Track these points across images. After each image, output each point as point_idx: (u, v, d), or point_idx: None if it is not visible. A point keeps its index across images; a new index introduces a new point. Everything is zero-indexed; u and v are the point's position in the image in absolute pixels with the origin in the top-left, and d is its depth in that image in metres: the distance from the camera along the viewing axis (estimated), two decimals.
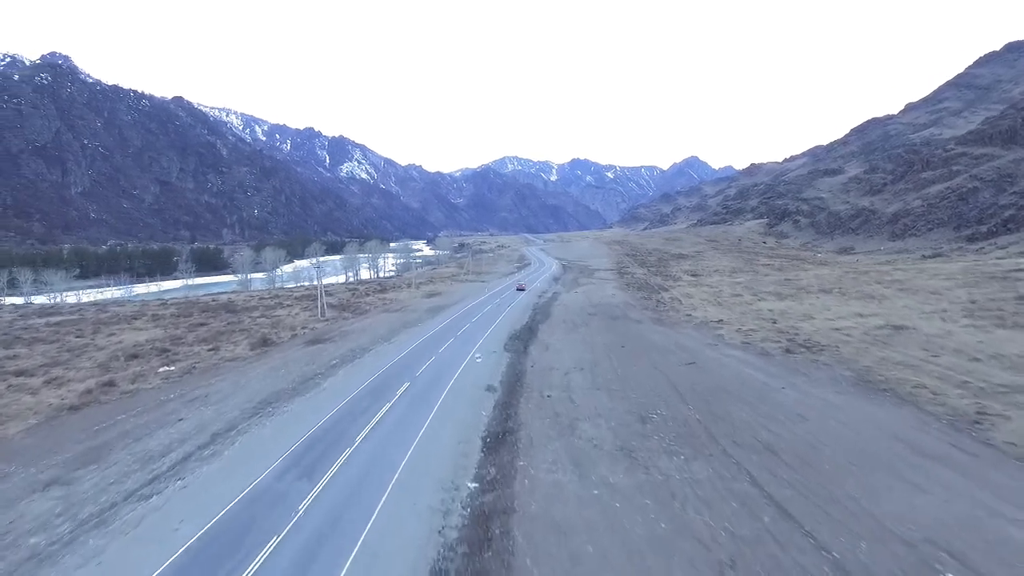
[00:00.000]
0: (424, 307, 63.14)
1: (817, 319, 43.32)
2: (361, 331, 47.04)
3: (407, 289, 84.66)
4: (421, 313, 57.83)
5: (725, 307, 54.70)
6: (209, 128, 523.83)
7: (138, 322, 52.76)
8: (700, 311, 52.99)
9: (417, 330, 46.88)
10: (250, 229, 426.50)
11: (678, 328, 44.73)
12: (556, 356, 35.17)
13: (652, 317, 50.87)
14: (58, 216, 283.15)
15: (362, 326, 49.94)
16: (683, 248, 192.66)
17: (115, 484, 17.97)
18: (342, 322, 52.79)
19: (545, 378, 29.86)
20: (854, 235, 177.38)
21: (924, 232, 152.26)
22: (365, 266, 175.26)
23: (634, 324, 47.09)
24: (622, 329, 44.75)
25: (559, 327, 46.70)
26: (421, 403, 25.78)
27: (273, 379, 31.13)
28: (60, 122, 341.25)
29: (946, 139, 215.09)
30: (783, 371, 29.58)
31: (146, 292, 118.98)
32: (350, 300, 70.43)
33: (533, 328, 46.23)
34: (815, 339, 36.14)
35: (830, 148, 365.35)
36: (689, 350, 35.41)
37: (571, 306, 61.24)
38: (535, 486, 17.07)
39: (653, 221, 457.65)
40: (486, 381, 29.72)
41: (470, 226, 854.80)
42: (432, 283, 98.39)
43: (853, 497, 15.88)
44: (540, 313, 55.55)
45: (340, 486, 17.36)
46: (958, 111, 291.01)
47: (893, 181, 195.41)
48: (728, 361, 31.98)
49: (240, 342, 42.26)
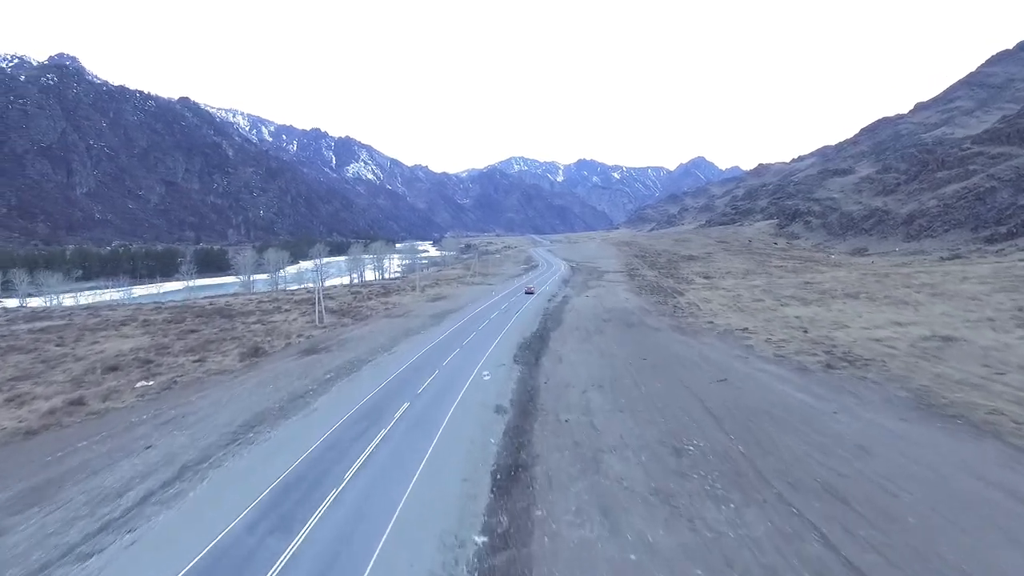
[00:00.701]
0: (428, 312, 60.17)
1: (852, 328, 39.98)
2: (360, 339, 44.09)
3: (411, 292, 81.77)
4: (425, 319, 54.85)
5: (748, 313, 51.40)
6: (215, 128, 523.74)
7: (126, 328, 50.06)
8: (722, 318, 49.70)
9: (420, 338, 43.86)
10: (256, 230, 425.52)
11: (701, 337, 41.48)
12: (571, 370, 32.04)
13: (671, 324, 47.62)
14: (63, 217, 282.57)
15: (362, 334, 46.99)
16: (693, 249, 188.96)
17: (54, 536, 15.01)
18: (341, 329, 49.87)
19: (561, 397, 26.75)
20: (867, 236, 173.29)
21: (940, 233, 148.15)
22: (370, 267, 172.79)
23: (653, 332, 43.88)
24: (641, 338, 41.56)
25: (572, 335, 43.57)
26: (421, 429, 22.72)
27: (259, 396, 28.20)
28: (66, 122, 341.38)
29: (959, 138, 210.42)
30: (828, 391, 26.29)
31: (146, 294, 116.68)
32: (351, 304, 67.59)
33: (544, 336, 43.12)
34: (855, 352, 32.83)
35: (840, 148, 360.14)
36: (717, 364, 32.19)
37: (583, 311, 58.10)
38: (557, 547, 13.95)
39: (660, 222, 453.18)
40: (494, 400, 26.65)
41: (476, 227, 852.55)
42: (437, 285, 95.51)
43: (957, 566, 12.68)
44: (551, 319, 52.44)
45: (323, 542, 14.30)
46: (970, 110, 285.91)
47: (907, 181, 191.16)
48: (763, 378, 28.73)
49: (230, 352, 39.41)
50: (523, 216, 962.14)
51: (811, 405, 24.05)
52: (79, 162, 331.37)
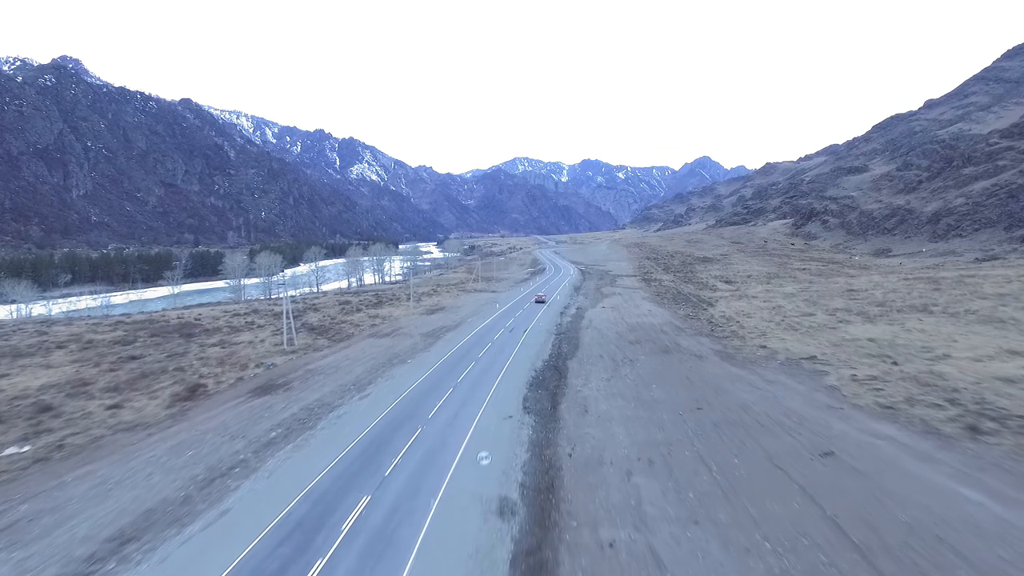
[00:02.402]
0: (421, 330, 51.48)
1: (957, 359, 31.02)
2: (332, 371, 35.50)
3: (404, 303, 73.04)
4: (416, 340, 46.20)
5: (803, 333, 42.39)
6: (217, 130, 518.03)
7: (59, 353, 41.73)
8: (774, 339, 40.75)
9: (405, 371, 35.18)
10: (256, 232, 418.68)
11: (760, 369, 32.59)
12: (603, 429, 23.31)
13: (716, 349, 38.65)
14: (57, 219, 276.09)
15: (336, 361, 38.40)
16: (707, 251, 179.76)
17: None
18: (313, 355, 41.25)
19: (595, 487, 17.98)
20: (890, 236, 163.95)
21: (970, 232, 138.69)
22: (370, 271, 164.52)
23: (696, 362, 34.98)
24: (684, 371, 32.70)
25: (596, 365, 34.80)
26: (380, 560, 14.08)
27: (165, 475, 19.70)
28: (63, 124, 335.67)
29: (979, 134, 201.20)
30: (1009, 484, 17.23)
31: (126, 302, 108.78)
32: (334, 318, 59.04)
33: (560, 367, 34.39)
34: (993, 400, 23.91)
35: (851, 145, 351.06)
36: (805, 420, 23.31)
37: (603, 328, 49.22)
38: None
39: (667, 222, 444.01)
40: (496, 490, 17.96)
41: (480, 227, 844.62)
42: (436, 294, 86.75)
43: None
44: (566, 340, 43.69)
45: None
46: (987, 105, 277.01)
47: (929, 178, 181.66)
48: (888, 451, 19.71)
49: (162, 391, 30.95)
50: (527, 216, 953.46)
51: (1005, 521, 15.00)
52: (76, 164, 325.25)
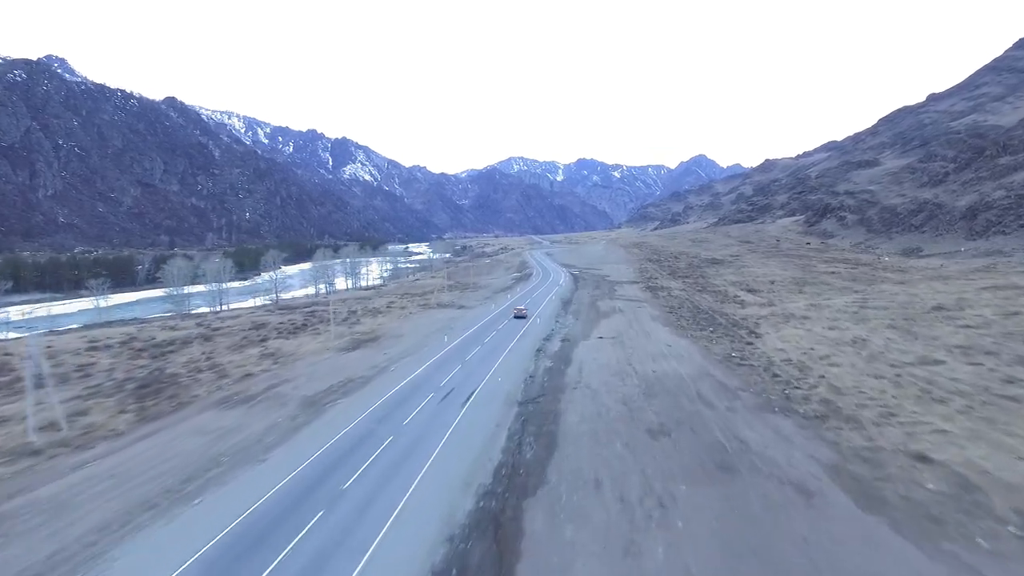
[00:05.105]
0: (307, 389, 33.65)
1: None
2: (54, 516, 19.10)
3: (327, 331, 53.82)
4: (279, 417, 28.17)
5: (959, 409, 25.35)
6: (202, 129, 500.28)
7: None
8: (921, 427, 23.55)
9: (171, 531, 18.72)
10: (239, 233, 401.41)
11: (964, 552, 15.92)
12: None
13: (825, 462, 20.24)
14: (19, 221, 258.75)
15: (109, 470, 21.75)
16: (714, 251, 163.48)
17: None
18: (75, 454, 24.16)
19: None
20: (918, 233, 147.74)
21: (1015, 229, 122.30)
22: (342, 275, 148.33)
23: (802, 510, 17.43)
24: (785, 542, 15.85)
25: (583, 525, 17.89)
26: None
27: None
28: (31, 121, 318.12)
29: (998, 124, 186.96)
30: None
31: (36, 318, 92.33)
32: (208, 358, 41.94)
33: (517, 507, 17.63)
34: None
35: (857, 140, 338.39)
36: None
37: (600, 388, 32.03)
38: None
39: (664, 220, 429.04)
40: None
41: (475, 228, 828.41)
42: (386, 311, 68.22)
43: None
44: (532, 425, 26.34)
45: None
46: (1001, 96, 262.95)
47: (957, 170, 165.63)
48: None
49: None
50: (523, 216, 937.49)
51: None
52: (44, 163, 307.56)
